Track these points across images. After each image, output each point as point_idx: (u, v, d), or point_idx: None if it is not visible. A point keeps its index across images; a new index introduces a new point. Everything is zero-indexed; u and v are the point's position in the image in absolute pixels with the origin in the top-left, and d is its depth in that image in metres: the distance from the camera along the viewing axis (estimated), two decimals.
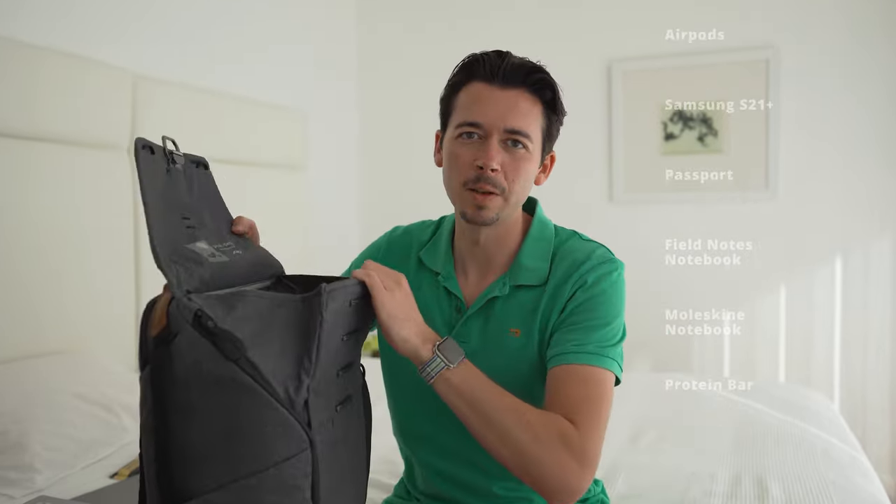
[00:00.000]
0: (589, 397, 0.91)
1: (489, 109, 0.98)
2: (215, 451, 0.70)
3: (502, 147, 0.98)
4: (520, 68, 0.99)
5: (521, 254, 1.05)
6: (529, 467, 0.86)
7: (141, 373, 0.71)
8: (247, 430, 0.70)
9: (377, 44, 3.42)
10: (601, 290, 0.99)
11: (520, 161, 0.99)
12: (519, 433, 0.85)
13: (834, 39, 2.77)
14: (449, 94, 1.04)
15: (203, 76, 2.43)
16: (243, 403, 0.69)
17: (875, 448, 2.74)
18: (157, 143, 0.81)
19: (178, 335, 0.69)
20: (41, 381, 1.63)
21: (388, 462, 1.61)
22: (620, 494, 1.47)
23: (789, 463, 1.63)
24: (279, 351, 0.72)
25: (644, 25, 2.99)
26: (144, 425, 0.72)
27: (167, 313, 0.69)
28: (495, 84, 0.98)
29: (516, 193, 1.00)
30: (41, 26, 1.87)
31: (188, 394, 0.69)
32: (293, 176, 2.85)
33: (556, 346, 0.97)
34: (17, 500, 1.35)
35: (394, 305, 0.86)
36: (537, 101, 1.00)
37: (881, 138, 2.74)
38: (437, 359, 0.87)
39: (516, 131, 0.98)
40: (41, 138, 1.83)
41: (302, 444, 0.72)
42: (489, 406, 0.87)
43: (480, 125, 0.98)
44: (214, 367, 0.69)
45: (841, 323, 2.81)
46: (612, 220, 3.02)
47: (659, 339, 2.81)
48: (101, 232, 1.97)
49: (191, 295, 0.70)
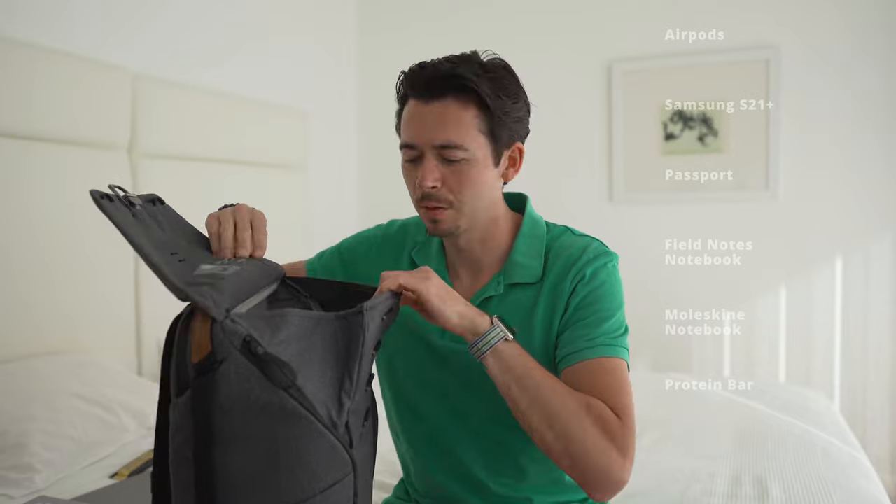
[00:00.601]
0: (617, 387, 0.92)
1: (418, 128, 0.97)
2: (260, 480, 0.67)
3: (440, 162, 0.97)
4: (436, 78, 0.96)
5: (514, 251, 1.04)
6: (573, 452, 0.86)
7: (175, 399, 0.68)
8: (294, 457, 0.67)
9: (377, 44, 3.42)
10: (601, 282, 0.99)
11: (461, 173, 0.96)
12: (566, 416, 0.86)
13: (834, 39, 2.77)
14: (398, 113, 1.04)
15: (203, 76, 2.43)
16: (291, 431, 0.67)
17: (875, 448, 2.74)
18: (111, 192, 0.77)
19: (223, 362, 0.65)
20: (41, 381, 1.63)
21: (388, 462, 1.61)
22: (620, 494, 1.46)
23: (789, 463, 1.63)
24: (320, 373, 0.70)
25: (644, 25, 2.99)
26: (178, 453, 0.68)
27: (211, 339, 0.66)
28: (421, 99, 0.97)
29: (469, 203, 0.98)
30: (41, 26, 1.87)
31: (232, 421, 0.66)
32: (293, 176, 2.85)
33: (567, 346, 0.97)
34: (16, 500, 1.35)
35: (439, 289, 0.87)
36: (468, 102, 0.95)
37: (881, 138, 2.74)
38: (497, 328, 0.88)
39: (446, 145, 0.96)
40: (41, 138, 1.83)
41: (346, 469, 0.71)
42: (538, 384, 0.87)
43: (414, 146, 0.98)
44: (262, 394, 0.66)
45: (841, 323, 2.80)
46: (612, 220, 3.02)
47: (659, 339, 2.81)
48: (100, 232, 1.97)
49: (234, 316, 0.67)
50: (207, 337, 0.66)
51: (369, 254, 1.16)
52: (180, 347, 0.68)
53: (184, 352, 0.67)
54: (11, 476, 1.40)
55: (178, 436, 0.68)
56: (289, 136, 2.83)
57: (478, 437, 1.05)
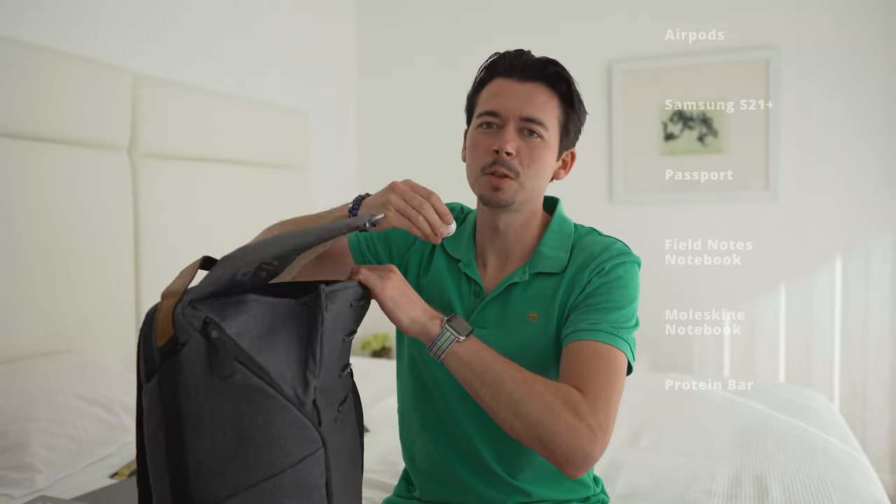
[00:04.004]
0: (599, 370, 0.94)
1: (507, 100, 1.04)
2: (231, 458, 0.69)
3: (519, 135, 1.04)
4: (537, 63, 1.06)
5: (542, 244, 1.09)
6: (542, 435, 0.87)
7: (146, 385, 0.70)
8: (261, 434, 0.69)
9: (377, 44, 3.42)
10: (617, 276, 1.03)
11: (535, 148, 1.04)
12: (529, 402, 0.88)
13: (834, 40, 2.77)
14: (474, 92, 1.11)
15: (203, 76, 2.43)
16: (256, 408, 0.69)
17: (875, 448, 2.74)
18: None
19: (186, 344, 0.68)
20: (41, 381, 1.63)
21: (388, 462, 1.61)
22: (620, 494, 1.47)
23: (789, 463, 1.63)
24: (284, 355, 0.72)
25: (644, 25, 2.99)
26: (151, 439, 0.70)
27: (172, 322, 0.68)
28: (513, 78, 1.05)
29: (531, 178, 1.05)
30: (41, 26, 1.87)
31: (199, 403, 0.68)
32: (293, 176, 2.85)
33: (571, 325, 1.01)
34: (17, 500, 1.36)
35: (393, 291, 0.90)
36: (553, 94, 1.06)
37: (881, 138, 2.74)
38: (447, 332, 0.91)
39: (531, 119, 1.04)
40: (41, 138, 1.83)
41: (315, 444, 0.73)
42: (499, 377, 0.89)
43: (498, 114, 1.04)
44: (224, 374, 0.68)
45: (841, 323, 2.80)
46: (612, 220, 3.01)
47: (659, 339, 2.81)
48: (100, 232, 1.97)
49: (195, 303, 0.69)
50: (170, 322, 0.68)
51: (407, 237, 1.18)
52: (146, 334, 0.70)
53: (150, 338, 0.69)
54: (12, 476, 1.40)
55: (150, 421, 0.70)
56: (289, 136, 2.83)
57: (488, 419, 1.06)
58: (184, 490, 0.68)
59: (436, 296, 1.11)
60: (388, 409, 2.02)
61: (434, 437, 1.12)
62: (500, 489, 1.09)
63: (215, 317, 0.68)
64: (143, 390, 0.70)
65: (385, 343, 3.22)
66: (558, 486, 1.11)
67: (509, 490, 1.09)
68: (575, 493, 1.14)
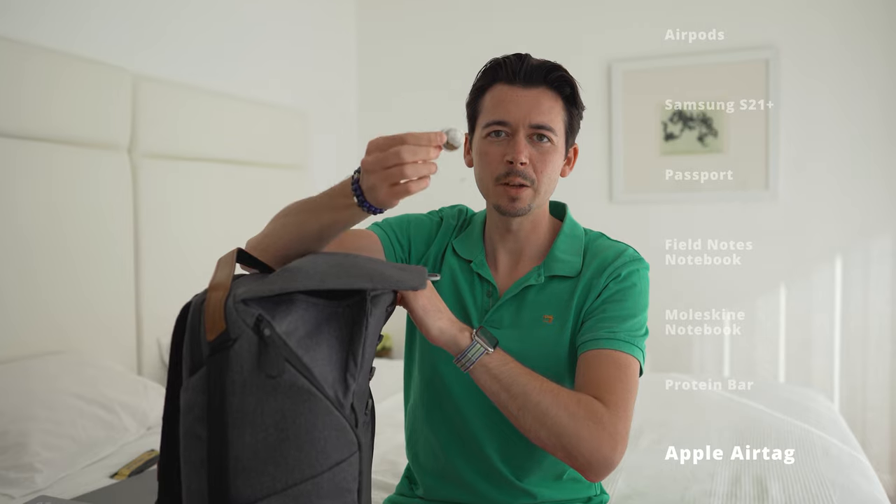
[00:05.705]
0: (619, 379, 0.97)
1: (514, 108, 1.05)
2: (270, 457, 0.68)
3: (529, 142, 1.05)
4: (539, 68, 1.06)
5: (556, 248, 1.11)
6: (566, 443, 0.90)
7: (189, 378, 0.69)
8: (304, 435, 0.69)
9: (377, 44, 3.41)
10: (632, 284, 1.05)
11: (546, 154, 1.06)
12: (556, 412, 0.90)
13: (833, 40, 2.77)
14: (474, 98, 1.11)
15: (203, 76, 2.43)
16: (301, 408, 0.69)
17: (875, 448, 2.74)
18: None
19: (237, 340, 0.67)
20: (41, 381, 1.63)
21: (388, 462, 1.61)
22: (620, 494, 1.47)
23: (789, 463, 1.63)
24: (327, 356, 0.73)
25: (644, 25, 2.99)
26: (189, 433, 0.69)
27: (224, 317, 0.67)
28: (517, 84, 1.05)
29: (545, 184, 1.07)
30: (41, 26, 1.87)
31: (244, 400, 0.68)
32: (293, 176, 2.85)
33: (588, 332, 1.03)
34: (17, 499, 1.36)
35: (424, 301, 0.91)
36: (558, 97, 1.07)
37: (881, 138, 2.74)
38: (477, 344, 0.92)
39: (541, 126, 1.04)
40: (41, 138, 1.83)
41: (352, 448, 0.73)
42: (525, 388, 0.91)
43: (507, 123, 1.05)
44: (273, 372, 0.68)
45: (841, 323, 2.80)
46: (612, 220, 3.01)
47: (659, 339, 2.79)
48: (100, 232, 1.97)
49: (245, 299, 0.69)
50: (221, 316, 0.67)
51: (434, 232, 1.19)
52: (194, 328, 0.69)
53: (198, 331, 0.69)
54: (12, 476, 1.40)
55: (189, 415, 0.69)
56: (289, 136, 2.83)
57: (497, 422, 1.07)
58: (221, 486, 0.68)
59: (448, 295, 1.12)
60: (389, 408, 2.02)
61: (440, 435, 1.12)
62: (505, 491, 1.09)
63: (266, 314, 0.68)
64: (184, 386, 0.70)
65: (385, 343, 3.22)
66: (561, 487, 1.12)
67: (515, 492, 1.09)
68: (577, 494, 1.14)
